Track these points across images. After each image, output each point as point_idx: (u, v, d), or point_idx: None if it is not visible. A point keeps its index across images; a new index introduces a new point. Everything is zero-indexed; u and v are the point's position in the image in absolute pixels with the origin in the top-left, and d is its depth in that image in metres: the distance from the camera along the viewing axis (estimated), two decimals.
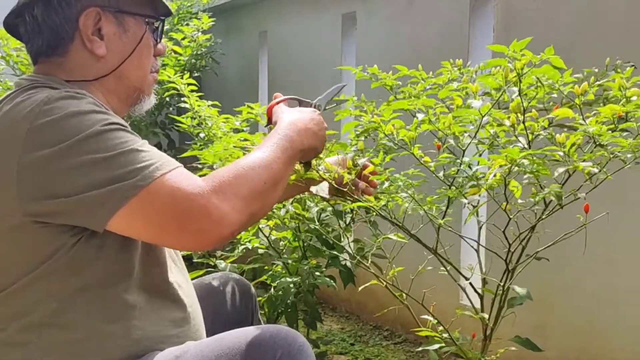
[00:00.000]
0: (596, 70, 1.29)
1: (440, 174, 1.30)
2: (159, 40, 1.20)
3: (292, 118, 1.18)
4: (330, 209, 1.73)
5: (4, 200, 0.96)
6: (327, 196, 1.32)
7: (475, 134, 1.24)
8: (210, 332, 1.26)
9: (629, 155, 1.15)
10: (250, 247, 2.05)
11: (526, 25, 2.29)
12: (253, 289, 1.50)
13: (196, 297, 1.23)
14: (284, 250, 2.08)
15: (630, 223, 1.99)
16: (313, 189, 1.31)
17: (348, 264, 1.97)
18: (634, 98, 1.16)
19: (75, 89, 1.03)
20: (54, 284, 0.99)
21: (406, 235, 1.36)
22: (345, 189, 1.30)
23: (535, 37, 2.25)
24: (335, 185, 1.31)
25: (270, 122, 1.24)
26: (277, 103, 1.25)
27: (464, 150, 1.26)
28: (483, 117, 1.20)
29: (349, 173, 1.29)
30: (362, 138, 1.42)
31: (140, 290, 1.06)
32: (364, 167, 1.39)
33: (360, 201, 1.31)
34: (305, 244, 1.99)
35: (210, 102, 2.25)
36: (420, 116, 1.27)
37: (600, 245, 1.98)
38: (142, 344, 1.04)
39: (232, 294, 1.44)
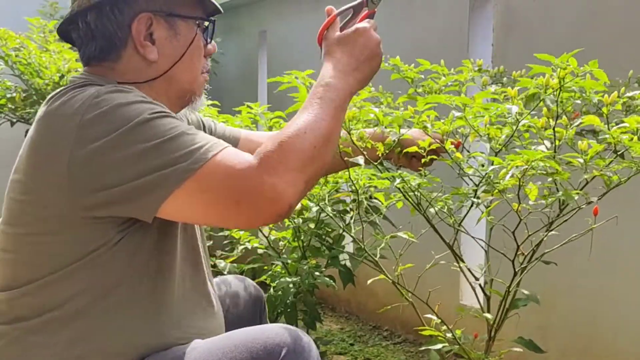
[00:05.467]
0: (619, 80, 1.29)
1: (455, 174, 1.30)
2: (209, 40, 1.20)
3: (335, 61, 1.11)
4: (329, 208, 1.73)
5: (55, 193, 0.98)
6: (362, 164, 1.29)
7: (511, 137, 1.23)
8: None
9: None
10: (249, 247, 2.04)
11: (526, 26, 2.29)
12: (264, 295, 1.51)
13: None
14: (284, 250, 2.07)
15: (631, 225, 1.98)
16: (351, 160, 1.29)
17: (348, 263, 1.97)
18: None
19: (125, 86, 1.05)
20: (90, 278, 1.00)
21: (414, 234, 1.35)
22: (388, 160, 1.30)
23: (535, 37, 2.26)
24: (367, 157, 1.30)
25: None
26: (326, 26, 1.16)
27: (496, 152, 1.25)
28: (520, 121, 1.19)
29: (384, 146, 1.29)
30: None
31: (172, 292, 1.09)
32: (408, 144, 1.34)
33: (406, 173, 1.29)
34: (304, 244, 1.99)
35: (209, 102, 2.25)
36: (457, 114, 1.25)
37: (602, 247, 1.97)
38: (165, 346, 1.06)
39: (245, 297, 1.46)
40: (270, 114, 2.00)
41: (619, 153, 1.14)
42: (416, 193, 1.31)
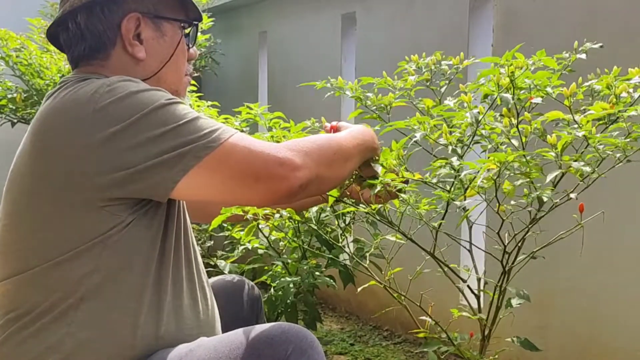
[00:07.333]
0: (566, 54, 1.29)
1: (435, 179, 1.30)
2: (191, 45, 1.25)
3: (357, 131, 1.27)
4: (329, 208, 1.73)
5: (67, 178, 1.00)
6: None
7: (470, 142, 1.25)
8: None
9: (617, 155, 1.15)
10: (250, 247, 2.05)
11: (526, 26, 2.29)
12: (259, 293, 1.52)
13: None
14: (284, 250, 2.08)
15: (628, 223, 1.99)
16: None
17: (348, 263, 1.97)
18: (624, 95, 1.15)
19: (131, 77, 1.08)
20: (100, 260, 1.02)
21: (404, 237, 1.36)
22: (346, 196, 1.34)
23: (535, 37, 2.26)
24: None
25: None
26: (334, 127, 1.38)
27: (461, 156, 1.26)
28: (477, 125, 1.21)
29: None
30: None
31: (172, 284, 1.11)
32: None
33: (357, 206, 1.32)
34: (304, 244, 1.99)
35: (209, 103, 2.25)
36: (418, 135, 1.28)
37: (599, 245, 1.98)
38: (165, 341, 1.07)
39: (240, 295, 1.47)
40: (270, 115, 2.00)
41: (588, 144, 1.13)
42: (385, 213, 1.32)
